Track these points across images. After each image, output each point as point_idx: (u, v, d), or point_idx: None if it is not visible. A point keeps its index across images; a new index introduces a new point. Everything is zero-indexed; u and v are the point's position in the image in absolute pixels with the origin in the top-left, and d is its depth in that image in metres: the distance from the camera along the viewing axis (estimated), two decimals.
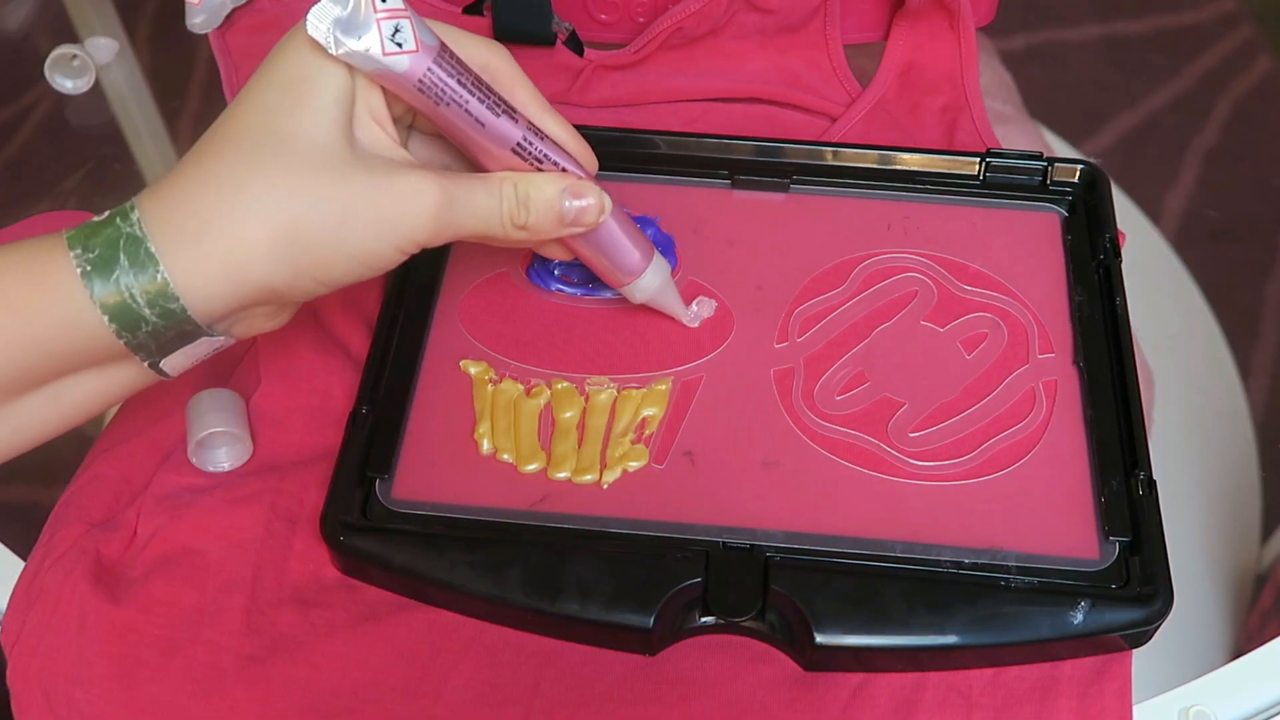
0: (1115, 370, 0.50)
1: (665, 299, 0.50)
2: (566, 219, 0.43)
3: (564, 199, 0.42)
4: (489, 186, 0.41)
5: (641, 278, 0.48)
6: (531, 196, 0.42)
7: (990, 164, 0.56)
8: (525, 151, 0.42)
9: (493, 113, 0.40)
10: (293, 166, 0.37)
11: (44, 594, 0.45)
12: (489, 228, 0.41)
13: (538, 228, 0.42)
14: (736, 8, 0.60)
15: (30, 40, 0.78)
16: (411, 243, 0.40)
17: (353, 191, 0.38)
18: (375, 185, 0.38)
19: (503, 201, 0.41)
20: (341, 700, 0.43)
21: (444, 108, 0.39)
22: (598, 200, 0.43)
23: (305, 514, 0.47)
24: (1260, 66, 1.00)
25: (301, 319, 0.53)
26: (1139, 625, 0.43)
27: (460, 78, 0.39)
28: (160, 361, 0.39)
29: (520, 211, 0.42)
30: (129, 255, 0.37)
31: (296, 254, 0.38)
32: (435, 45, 0.39)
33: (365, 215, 0.38)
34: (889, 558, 0.45)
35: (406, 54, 0.38)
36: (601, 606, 0.43)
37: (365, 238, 0.38)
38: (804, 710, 0.43)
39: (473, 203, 0.40)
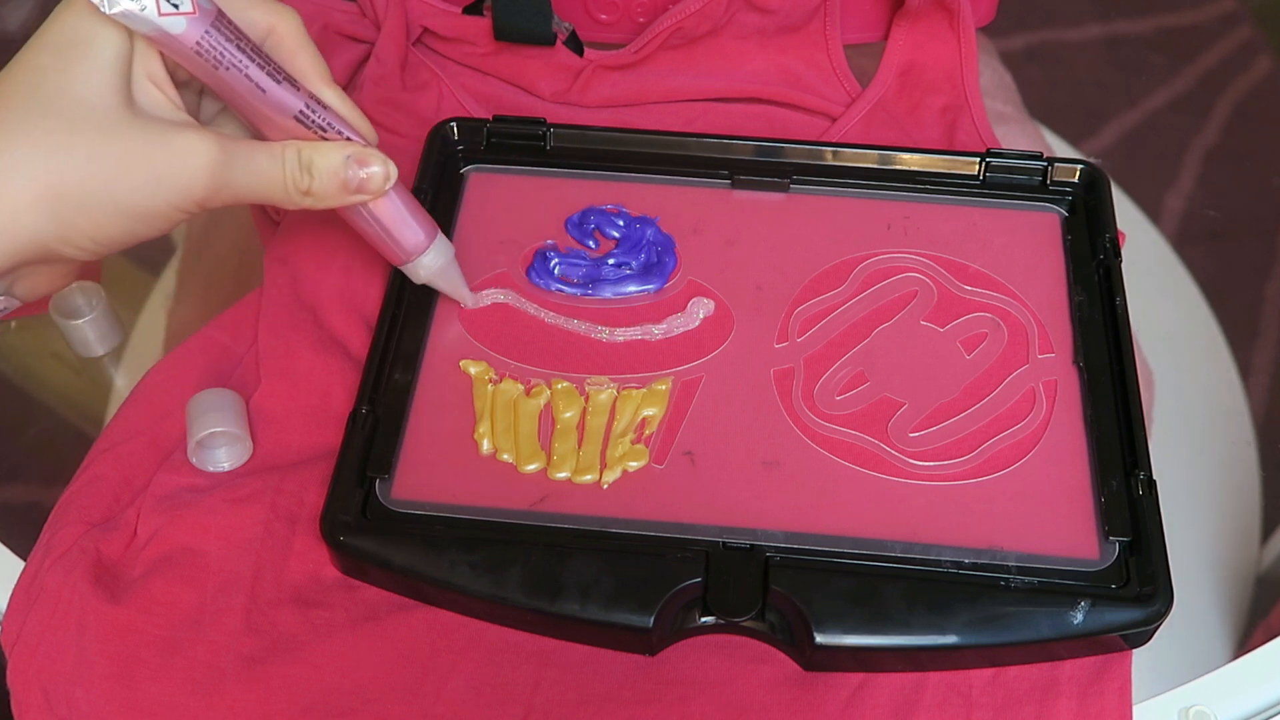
0: (1115, 370, 0.50)
1: (447, 280, 0.50)
2: (350, 186, 0.43)
3: (349, 166, 0.43)
4: (272, 150, 0.41)
5: (424, 255, 0.48)
6: (315, 162, 0.42)
7: (990, 164, 0.56)
8: (308, 119, 0.42)
9: (274, 79, 0.40)
10: (59, 126, 0.37)
11: (44, 594, 0.45)
12: (270, 191, 0.42)
13: (321, 194, 0.42)
14: (736, 8, 0.60)
15: None
16: (189, 200, 0.39)
17: (125, 148, 0.38)
18: (149, 142, 0.38)
19: (285, 165, 0.41)
20: (341, 700, 0.43)
21: (223, 72, 0.39)
22: (383, 168, 0.43)
23: (305, 514, 0.47)
24: (1260, 66, 1.00)
25: (301, 319, 0.53)
26: (1139, 625, 0.43)
27: (240, 43, 0.39)
28: None
29: (304, 177, 0.42)
30: None
31: (65, 211, 0.38)
32: (213, 10, 0.38)
33: (138, 172, 0.38)
34: (889, 558, 0.45)
35: (183, 15, 0.37)
36: (601, 606, 0.43)
37: (139, 195, 0.38)
38: (804, 710, 0.43)
39: (254, 164, 0.41)
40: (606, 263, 0.53)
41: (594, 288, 0.53)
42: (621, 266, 0.53)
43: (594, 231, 0.55)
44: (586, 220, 0.55)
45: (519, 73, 0.62)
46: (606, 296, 0.53)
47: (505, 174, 0.57)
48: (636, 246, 0.54)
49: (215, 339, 0.53)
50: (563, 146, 0.57)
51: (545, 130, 0.57)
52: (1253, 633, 0.72)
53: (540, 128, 0.57)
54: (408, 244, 0.48)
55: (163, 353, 0.55)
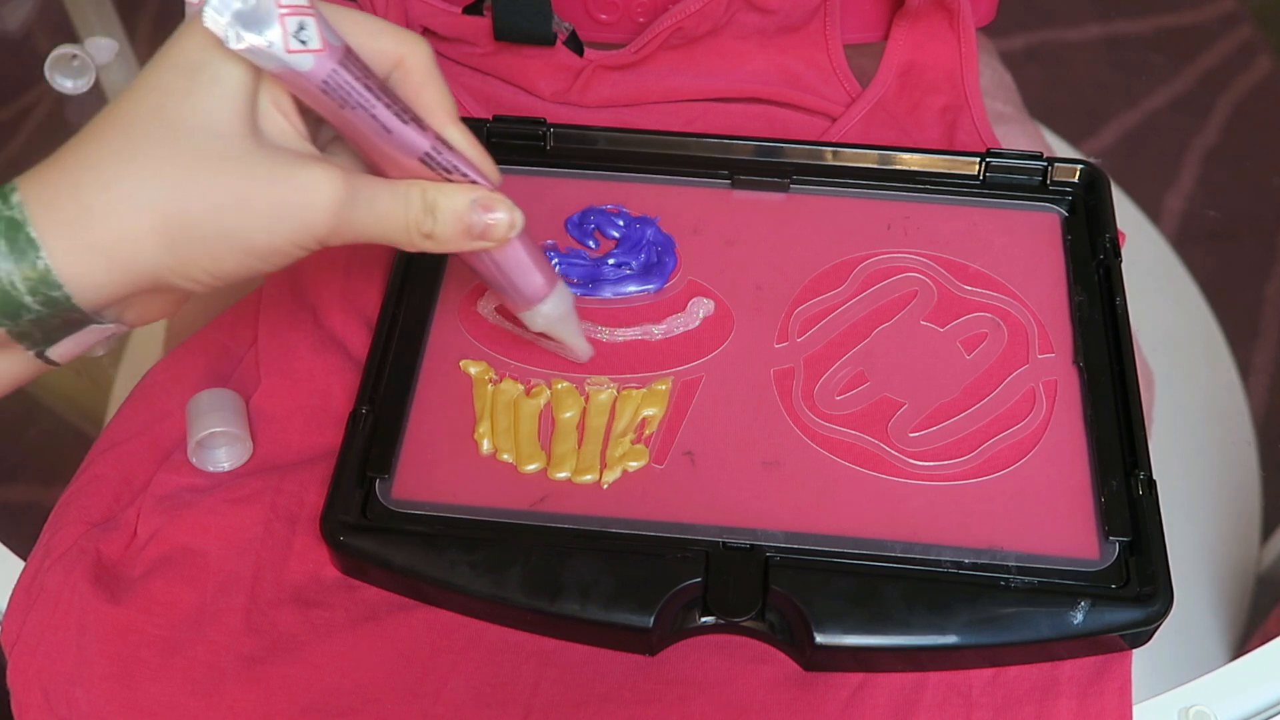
0: (1115, 370, 0.50)
1: (565, 329, 0.48)
2: (474, 232, 0.41)
3: (473, 211, 0.41)
4: (395, 190, 0.39)
5: (543, 304, 0.46)
6: (440, 204, 0.40)
7: (990, 164, 0.56)
8: (433, 161, 0.40)
9: (400, 119, 0.38)
10: (184, 154, 0.36)
11: (44, 594, 0.45)
12: (392, 232, 0.40)
13: (443, 238, 0.40)
14: (736, 8, 0.60)
15: (30, 40, 0.78)
16: (310, 237, 0.38)
17: (247, 181, 0.36)
18: (272, 175, 0.36)
19: (409, 207, 0.39)
20: (341, 700, 0.43)
21: (349, 111, 0.37)
22: (508, 216, 0.41)
23: (305, 514, 0.47)
24: (1260, 66, 1.00)
25: (301, 319, 0.53)
26: (1139, 625, 0.43)
27: (367, 81, 0.37)
28: (46, 350, 0.38)
29: (426, 219, 0.40)
30: (8, 240, 0.35)
31: (182, 244, 0.36)
32: (341, 46, 0.37)
33: (259, 206, 0.36)
34: (889, 558, 0.45)
35: (311, 52, 0.36)
36: (601, 606, 0.43)
37: (259, 230, 0.37)
38: (804, 710, 0.43)
39: (377, 204, 0.39)
40: (606, 263, 0.53)
41: (594, 288, 0.53)
42: (621, 266, 0.53)
43: (594, 231, 0.55)
44: (586, 220, 0.55)
45: (519, 73, 0.62)
46: (606, 296, 0.53)
47: (505, 174, 0.56)
48: (636, 246, 0.54)
49: (215, 339, 0.53)
50: (563, 146, 0.57)
51: (545, 130, 0.57)
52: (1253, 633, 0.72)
53: (540, 128, 0.57)
54: (527, 291, 0.45)
55: (163, 353, 0.55)
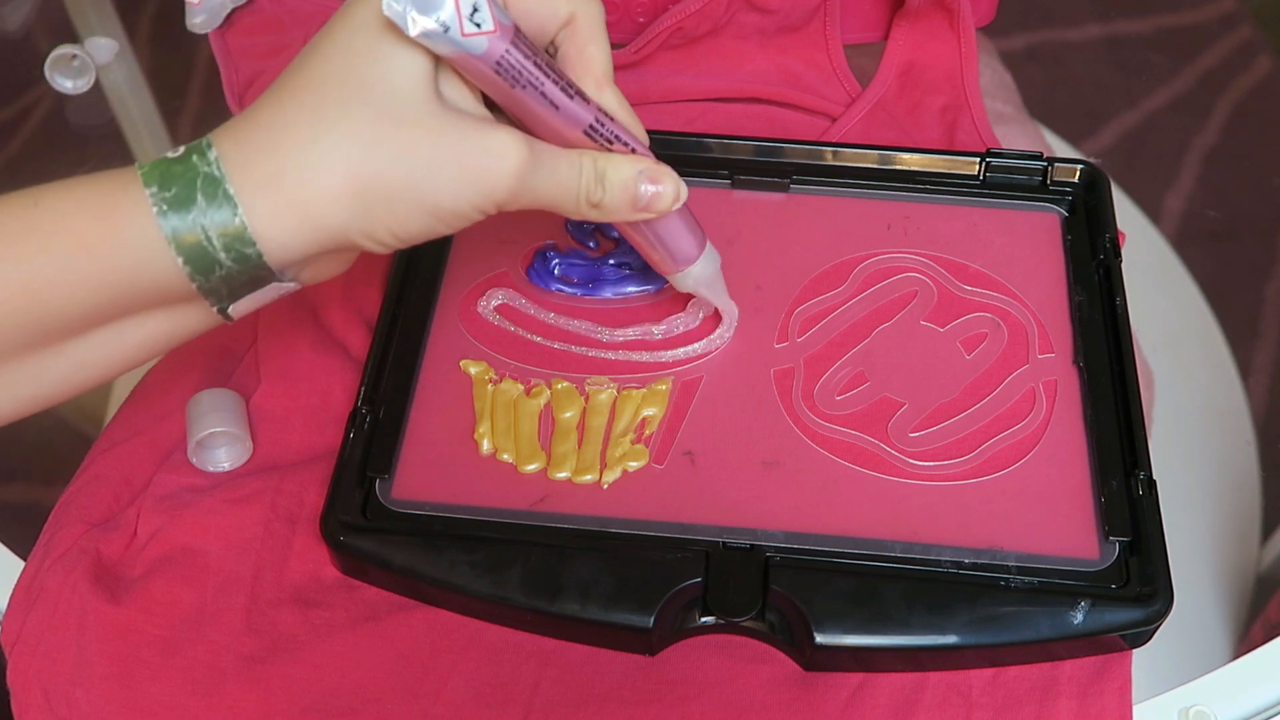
0: (1115, 370, 0.50)
1: (712, 289, 0.49)
2: (640, 203, 0.42)
3: (640, 182, 0.41)
4: (571, 158, 0.40)
5: (693, 266, 0.47)
6: (609, 175, 0.41)
7: (990, 164, 0.56)
8: (597, 133, 0.40)
9: (566, 95, 0.39)
10: (376, 115, 0.36)
11: (44, 594, 0.45)
12: (563, 199, 0.40)
13: (611, 207, 0.41)
14: (736, 8, 0.60)
15: (30, 40, 0.78)
16: (491, 202, 0.38)
17: (438, 144, 0.37)
18: (462, 139, 0.37)
19: (582, 175, 0.40)
20: (341, 700, 0.43)
21: (519, 90, 0.38)
22: (673, 188, 0.42)
23: (305, 514, 0.47)
24: (1260, 66, 1.00)
25: (301, 319, 0.53)
26: (1139, 625, 0.43)
27: (535, 59, 0.38)
28: (229, 307, 0.38)
29: (596, 189, 0.41)
30: (206, 196, 0.35)
31: (374, 206, 0.36)
32: (511, 25, 0.37)
33: (449, 170, 0.37)
34: (889, 558, 0.45)
35: (485, 34, 0.36)
36: (601, 606, 0.43)
37: (446, 192, 0.37)
38: (804, 710, 0.43)
39: (556, 171, 0.39)
40: (606, 263, 0.53)
41: (594, 288, 0.53)
42: (621, 266, 0.53)
43: (594, 231, 0.55)
44: (587, 220, 0.55)
45: None
46: (606, 296, 0.53)
47: None
48: None
49: (215, 339, 0.53)
50: None
51: None
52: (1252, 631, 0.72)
53: None
54: (680, 255, 0.46)
55: None
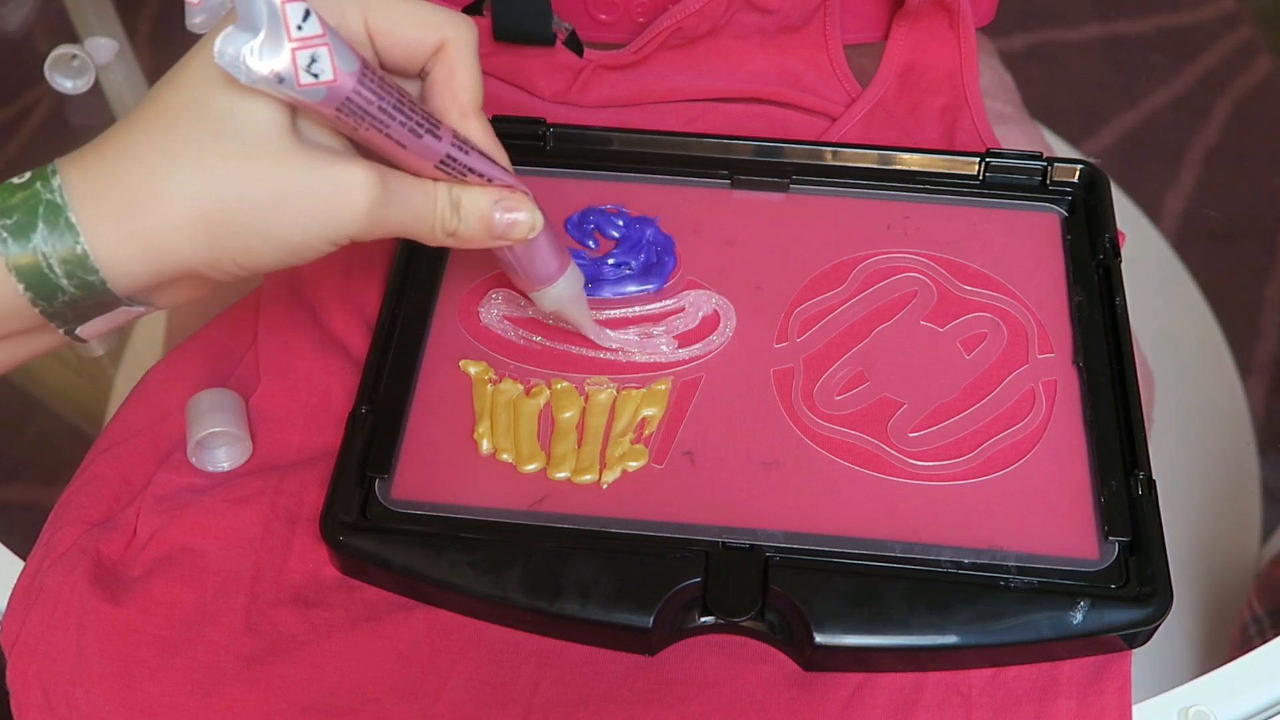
0: (1115, 370, 0.50)
1: (574, 311, 0.49)
2: (495, 231, 0.42)
3: (496, 211, 0.42)
4: (425, 188, 0.40)
5: (551, 287, 0.47)
6: (464, 204, 0.41)
7: (990, 164, 0.56)
8: (450, 168, 0.40)
9: (415, 134, 0.38)
10: (225, 148, 0.36)
11: (44, 594, 0.45)
12: (419, 229, 0.41)
13: (466, 236, 0.42)
14: (736, 8, 0.60)
15: (30, 40, 0.78)
16: (343, 235, 0.38)
17: (287, 178, 0.37)
18: (311, 173, 0.37)
19: (437, 204, 0.40)
20: (341, 700, 0.43)
21: (363, 131, 0.38)
22: (529, 217, 0.42)
23: (305, 514, 0.47)
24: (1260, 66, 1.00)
25: (301, 319, 0.53)
26: (1138, 625, 0.43)
27: (381, 100, 0.37)
28: (76, 328, 0.38)
29: (452, 218, 0.41)
30: (48, 223, 0.35)
31: (221, 238, 0.37)
32: (355, 71, 0.36)
33: (298, 205, 0.37)
34: (889, 558, 0.45)
35: (323, 84, 0.35)
36: (601, 606, 0.43)
37: (295, 227, 0.37)
38: (803, 710, 0.43)
39: (410, 202, 0.39)
40: (606, 263, 0.53)
41: (594, 288, 0.53)
42: (621, 266, 0.53)
43: (594, 231, 0.55)
44: (586, 220, 0.55)
45: (519, 73, 0.62)
46: (606, 296, 0.53)
47: None
48: (636, 246, 0.54)
49: (215, 339, 0.53)
50: (563, 146, 0.57)
51: (545, 130, 0.57)
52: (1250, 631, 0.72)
53: (540, 128, 0.57)
54: (537, 276, 0.46)
55: (163, 353, 0.55)
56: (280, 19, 0.34)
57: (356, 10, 0.38)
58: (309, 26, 0.34)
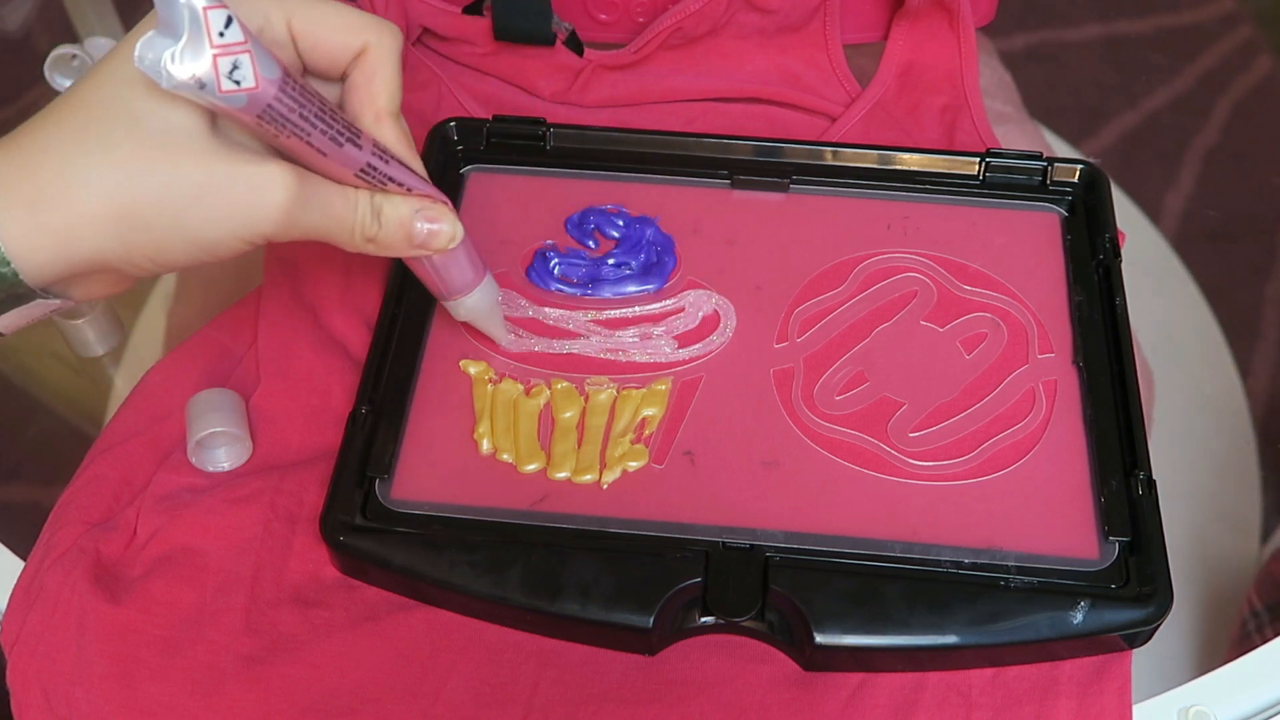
0: (1115, 370, 0.50)
1: (489, 321, 0.49)
2: (415, 240, 0.42)
3: (417, 220, 0.42)
4: (345, 194, 0.40)
5: (466, 297, 0.47)
6: (385, 212, 0.41)
7: (990, 164, 0.56)
8: (370, 176, 0.40)
9: (335, 142, 0.39)
10: (138, 144, 0.36)
11: (44, 594, 0.45)
12: (338, 233, 0.41)
13: (386, 243, 0.42)
14: (736, 8, 0.60)
15: (30, 40, 0.78)
16: (257, 235, 0.38)
17: (201, 176, 0.37)
18: (227, 173, 0.37)
19: (357, 210, 0.41)
20: (341, 700, 0.43)
21: (284, 139, 0.38)
22: (450, 229, 0.43)
23: (305, 514, 0.47)
24: (1260, 66, 1.00)
25: (301, 319, 0.53)
26: (1139, 625, 0.43)
27: (303, 108, 0.37)
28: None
29: (372, 225, 0.41)
30: None
31: (132, 234, 0.37)
32: (277, 78, 0.36)
33: (211, 203, 0.37)
34: (889, 558, 0.45)
35: (245, 91, 0.35)
36: (601, 606, 0.43)
37: (207, 225, 0.37)
38: (804, 710, 0.43)
39: (329, 206, 0.40)
40: (606, 263, 0.53)
41: (594, 288, 0.53)
42: (621, 266, 0.53)
43: (594, 231, 0.55)
44: (586, 220, 0.55)
45: (519, 73, 0.62)
46: (606, 296, 0.53)
47: (505, 174, 0.57)
48: (636, 246, 0.54)
49: (215, 339, 0.53)
50: (563, 146, 0.57)
51: (545, 130, 0.57)
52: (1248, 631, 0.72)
53: (540, 128, 0.57)
54: (455, 285, 0.47)
55: (163, 353, 0.55)
56: (202, 25, 0.34)
57: (280, 12, 0.39)
58: (231, 33, 0.34)
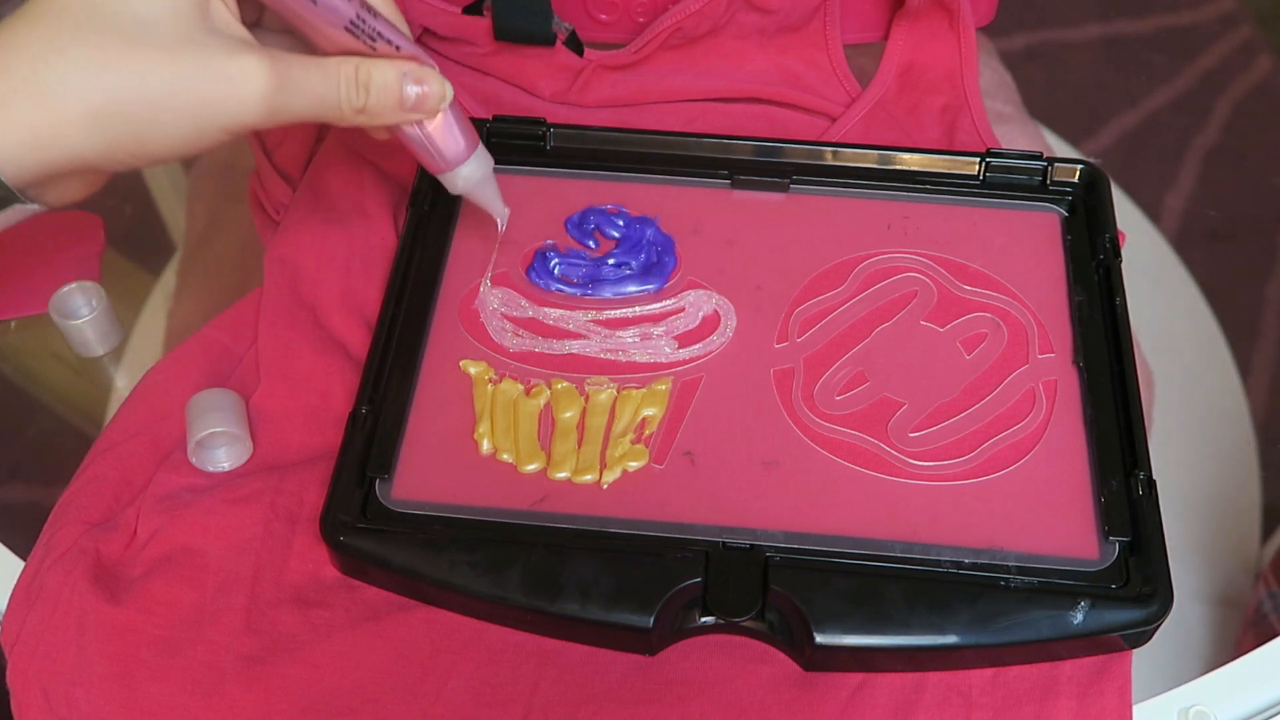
0: (1115, 370, 0.50)
1: (483, 192, 0.49)
2: (406, 105, 0.42)
3: (405, 83, 0.42)
4: (326, 69, 0.41)
5: (463, 166, 0.47)
6: (373, 79, 0.41)
7: (990, 164, 0.56)
8: (358, 29, 0.41)
9: None
10: (112, 39, 0.37)
11: (44, 594, 0.45)
12: (324, 110, 0.41)
13: (377, 111, 0.42)
14: (736, 8, 0.60)
15: None
16: (239, 125, 0.39)
17: (177, 71, 0.37)
18: (203, 66, 0.38)
19: (340, 84, 0.41)
20: (341, 700, 0.43)
21: None
22: (439, 87, 0.43)
23: (305, 514, 0.47)
24: (1260, 66, 1.00)
25: (301, 319, 0.53)
26: (1139, 625, 0.43)
27: None
28: None
29: (360, 94, 0.41)
30: None
31: (110, 129, 0.37)
32: None
33: (188, 96, 0.37)
34: (889, 558, 0.45)
35: None
36: (601, 606, 0.43)
37: (186, 118, 0.38)
38: (804, 710, 0.43)
39: (307, 85, 0.40)
40: (606, 263, 0.53)
41: (594, 288, 0.53)
42: (621, 266, 0.53)
43: (594, 231, 0.55)
44: (586, 220, 0.55)
45: (519, 73, 0.62)
46: (606, 296, 0.53)
47: (505, 174, 0.57)
48: (636, 246, 0.54)
49: (215, 339, 0.53)
50: (563, 146, 0.57)
51: (545, 130, 0.57)
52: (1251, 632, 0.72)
53: (540, 128, 0.57)
54: (449, 154, 0.46)
55: (163, 353, 0.55)
56: None
57: None
58: None
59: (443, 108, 0.44)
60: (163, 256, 0.70)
